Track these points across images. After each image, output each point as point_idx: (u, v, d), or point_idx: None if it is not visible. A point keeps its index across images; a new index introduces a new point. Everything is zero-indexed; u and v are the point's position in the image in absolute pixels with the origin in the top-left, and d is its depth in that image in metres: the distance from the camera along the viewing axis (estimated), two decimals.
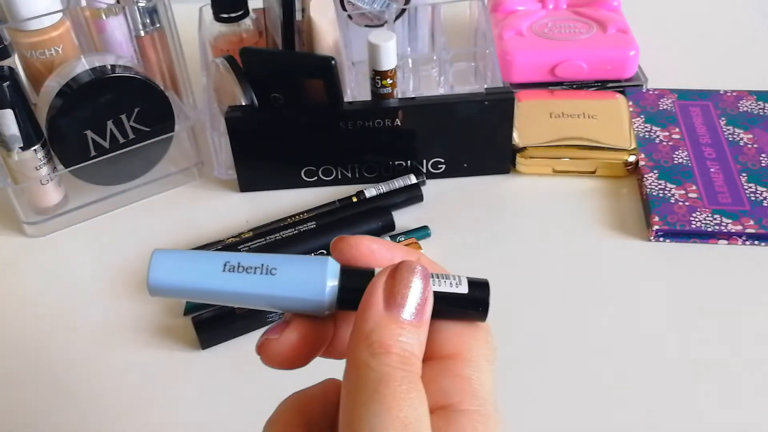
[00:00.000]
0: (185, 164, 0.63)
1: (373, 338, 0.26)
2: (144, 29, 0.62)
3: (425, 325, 0.27)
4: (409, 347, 0.26)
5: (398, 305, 0.27)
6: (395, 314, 0.27)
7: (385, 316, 0.27)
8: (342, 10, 0.64)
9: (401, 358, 0.26)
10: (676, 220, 0.55)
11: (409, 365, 0.26)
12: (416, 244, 0.54)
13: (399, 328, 0.26)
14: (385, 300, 0.27)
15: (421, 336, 0.27)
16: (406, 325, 0.26)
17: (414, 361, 0.26)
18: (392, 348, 0.26)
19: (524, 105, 0.64)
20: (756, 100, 0.65)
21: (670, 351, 0.48)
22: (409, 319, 0.27)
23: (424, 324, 0.27)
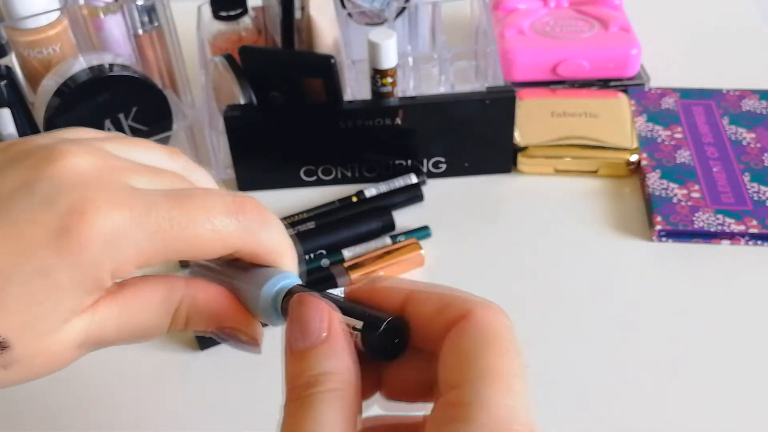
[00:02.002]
0: None
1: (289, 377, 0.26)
2: (142, 28, 0.62)
3: (330, 342, 0.26)
4: (314, 370, 0.25)
5: (292, 339, 0.27)
6: (293, 349, 0.26)
7: (288, 357, 0.27)
8: (342, 8, 0.64)
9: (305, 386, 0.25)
10: (679, 220, 0.54)
11: (316, 386, 0.25)
12: (416, 244, 0.53)
13: (298, 361, 0.26)
14: (286, 342, 0.27)
15: (330, 353, 0.26)
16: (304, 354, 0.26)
17: (322, 381, 0.25)
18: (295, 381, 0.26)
19: (525, 104, 0.63)
20: (759, 99, 0.65)
21: (673, 351, 0.47)
22: (304, 345, 0.26)
23: (328, 343, 0.26)
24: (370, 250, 0.53)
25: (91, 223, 0.27)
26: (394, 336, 0.27)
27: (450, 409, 0.24)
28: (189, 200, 0.29)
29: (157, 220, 0.28)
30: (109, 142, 0.32)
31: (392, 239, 0.54)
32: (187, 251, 0.29)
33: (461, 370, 0.24)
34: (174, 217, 0.28)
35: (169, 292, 0.30)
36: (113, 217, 0.27)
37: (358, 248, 0.54)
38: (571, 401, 0.45)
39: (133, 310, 0.29)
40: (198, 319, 0.31)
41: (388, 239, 0.54)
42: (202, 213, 0.29)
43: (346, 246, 0.54)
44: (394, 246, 0.53)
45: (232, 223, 0.29)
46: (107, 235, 0.27)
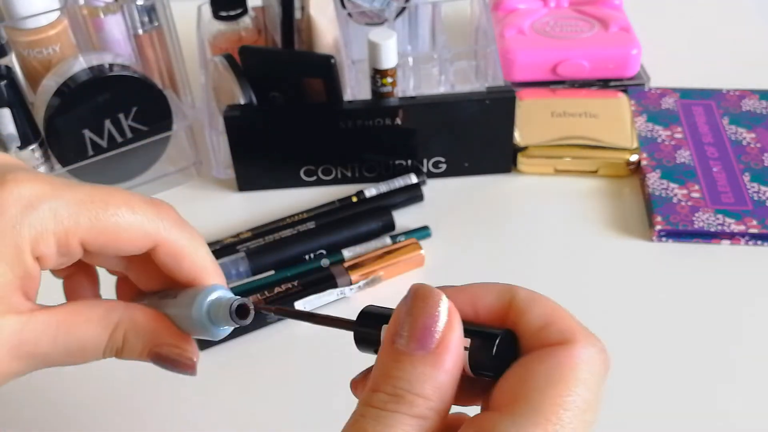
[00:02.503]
0: (183, 163, 0.63)
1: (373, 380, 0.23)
2: (142, 28, 0.62)
3: (438, 357, 0.23)
4: (406, 384, 0.22)
5: (397, 334, 0.23)
6: (393, 345, 0.23)
7: (384, 349, 0.24)
8: (342, 8, 0.64)
9: (390, 398, 0.22)
10: (679, 220, 0.54)
11: (401, 404, 0.22)
12: (416, 244, 0.53)
13: (393, 361, 0.23)
14: (388, 331, 0.24)
15: (433, 372, 0.22)
16: (403, 357, 0.23)
17: (411, 401, 0.22)
18: (380, 386, 0.23)
19: (525, 104, 0.63)
20: (759, 99, 0.64)
21: (673, 351, 0.47)
22: (407, 349, 0.23)
23: (435, 356, 0.23)
24: (370, 250, 0.53)
25: (11, 188, 0.27)
26: (506, 353, 0.24)
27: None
28: (110, 188, 0.30)
29: (77, 194, 0.28)
30: None
31: (392, 239, 0.54)
32: (107, 234, 0.29)
33: (513, 397, 0.22)
34: (95, 194, 0.29)
35: (108, 310, 0.30)
36: (33, 185, 0.28)
37: (358, 248, 0.54)
38: None
39: (71, 323, 0.29)
40: (135, 339, 0.30)
41: (388, 239, 0.54)
42: (122, 197, 0.30)
43: (346, 246, 0.54)
44: (394, 246, 0.53)
45: (151, 213, 0.30)
46: (26, 199, 0.27)
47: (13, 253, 0.27)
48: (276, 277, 0.52)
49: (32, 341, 0.28)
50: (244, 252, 0.53)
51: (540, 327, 0.24)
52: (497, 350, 0.23)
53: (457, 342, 0.23)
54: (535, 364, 0.23)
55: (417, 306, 0.23)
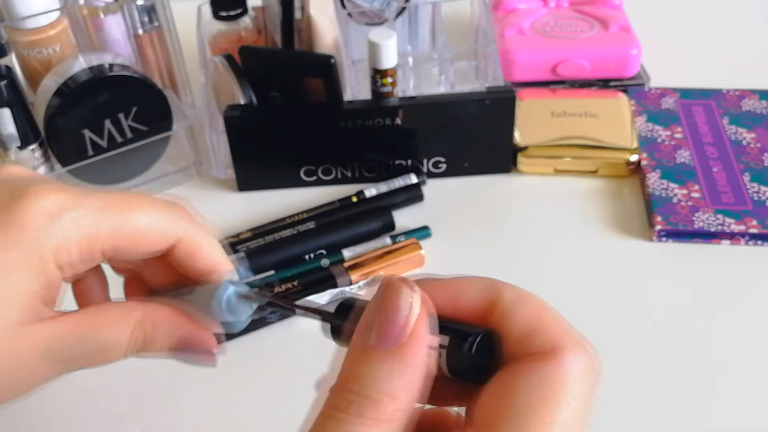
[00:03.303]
0: (183, 163, 0.62)
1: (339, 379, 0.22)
2: (142, 28, 0.62)
3: (407, 352, 0.21)
4: (372, 382, 0.21)
5: (366, 329, 0.22)
6: (362, 341, 0.22)
7: (352, 345, 0.22)
8: (342, 8, 0.64)
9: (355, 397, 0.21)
10: (679, 220, 0.54)
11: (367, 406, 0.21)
12: (416, 244, 0.53)
13: (360, 358, 0.21)
14: (358, 326, 0.22)
15: (402, 368, 0.21)
16: (371, 354, 0.21)
17: (377, 401, 0.21)
18: (346, 384, 0.21)
19: (525, 104, 0.63)
20: (759, 99, 0.64)
21: (673, 351, 0.47)
22: (375, 344, 0.21)
23: (403, 351, 0.21)
24: (370, 250, 0.53)
25: (33, 200, 0.28)
26: (485, 356, 0.22)
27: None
28: (126, 194, 0.31)
29: (96, 202, 0.29)
30: None
31: (392, 239, 0.54)
32: (127, 239, 0.30)
33: (500, 415, 0.21)
34: (112, 201, 0.30)
35: (127, 310, 0.31)
36: (54, 196, 0.28)
37: (358, 248, 0.54)
38: None
39: (92, 326, 0.30)
40: (158, 334, 0.31)
41: (388, 239, 0.54)
42: (138, 202, 0.30)
43: (346, 246, 0.54)
44: (394, 246, 0.53)
45: (167, 214, 0.31)
46: (48, 210, 0.28)
47: (37, 264, 0.28)
48: (276, 277, 0.52)
49: (58, 347, 0.29)
50: (244, 252, 0.53)
51: (526, 333, 0.23)
52: (475, 351, 0.22)
53: (424, 333, 0.22)
54: (521, 379, 0.21)
55: (386, 299, 0.22)
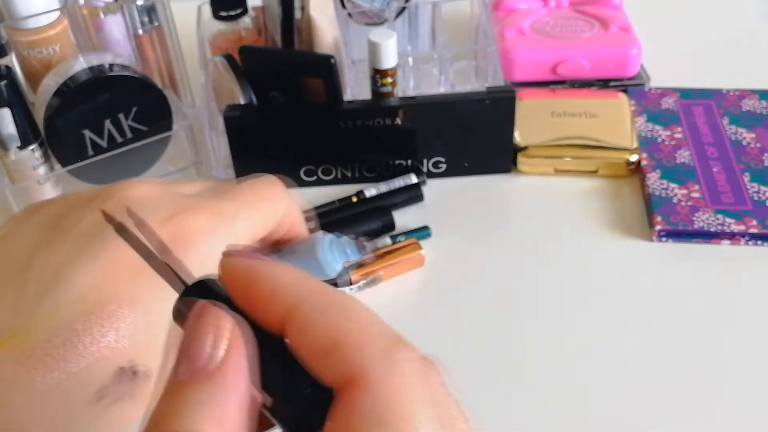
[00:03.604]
0: (183, 163, 0.62)
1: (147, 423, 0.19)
2: (142, 27, 0.62)
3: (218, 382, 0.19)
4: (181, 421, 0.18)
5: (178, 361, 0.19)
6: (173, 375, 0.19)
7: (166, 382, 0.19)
8: (342, 8, 0.64)
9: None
10: (679, 220, 0.54)
11: None
12: (416, 244, 0.53)
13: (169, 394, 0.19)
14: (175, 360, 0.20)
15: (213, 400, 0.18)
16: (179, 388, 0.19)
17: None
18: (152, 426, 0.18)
19: (525, 104, 0.63)
20: (759, 99, 0.64)
21: (673, 351, 0.47)
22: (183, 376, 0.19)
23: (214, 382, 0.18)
24: (370, 250, 0.53)
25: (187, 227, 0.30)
26: (318, 414, 0.19)
27: None
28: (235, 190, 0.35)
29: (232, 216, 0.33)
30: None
31: (392, 239, 0.54)
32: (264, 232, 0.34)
33: None
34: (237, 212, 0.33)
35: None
36: (196, 217, 0.31)
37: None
38: (571, 401, 0.45)
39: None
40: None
41: (388, 239, 0.54)
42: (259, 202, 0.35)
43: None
44: (394, 246, 0.53)
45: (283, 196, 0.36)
46: (205, 231, 0.31)
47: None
48: None
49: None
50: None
51: (320, 351, 0.19)
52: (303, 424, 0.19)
53: (241, 360, 0.19)
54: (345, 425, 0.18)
55: (192, 326, 0.19)
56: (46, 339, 0.28)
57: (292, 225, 0.37)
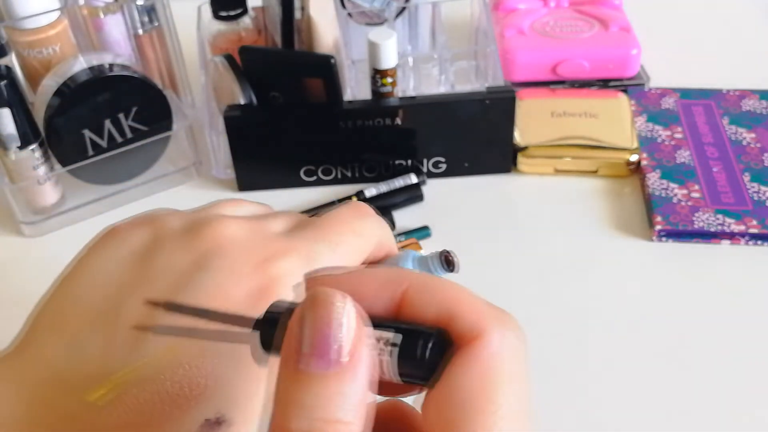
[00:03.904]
0: (183, 163, 0.63)
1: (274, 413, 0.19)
2: (142, 28, 0.62)
3: (352, 372, 0.19)
4: (321, 412, 0.19)
5: (298, 352, 0.19)
6: (296, 366, 0.19)
7: (285, 374, 0.19)
8: (342, 8, 0.64)
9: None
10: (679, 220, 0.54)
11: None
12: (416, 244, 0.53)
13: (298, 386, 0.19)
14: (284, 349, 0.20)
15: (349, 390, 0.19)
16: (310, 380, 0.19)
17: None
18: (291, 420, 0.19)
19: (525, 104, 0.63)
20: (759, 99, 0.64)
21: (673, 351, 0.47)
22: (313, 368, 0.19)
23: (348, 372, 0.19)
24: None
25: (279, 273, 0.29)
26: (437, 356, 0.20)
27: None
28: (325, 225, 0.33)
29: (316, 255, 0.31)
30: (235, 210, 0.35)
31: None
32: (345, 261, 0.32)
33: (450, 424, 0.19)
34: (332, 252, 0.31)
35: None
36: (288, 261, 0.30)
37: None
38: (571, 401, 0.45)
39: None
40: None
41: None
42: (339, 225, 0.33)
43: None
44: None
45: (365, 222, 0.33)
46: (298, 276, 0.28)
47: None
48: None
49: None
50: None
51: (443, 321, 0.21)
52: (430, 355, 0.20)
53: (369, 347, 0.20)
54: (456, 377, 0.20)
55: (316, 315, 0.19)
56: (136, 394, 0.27)
57: (386, 254, 0.34)
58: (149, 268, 0.31)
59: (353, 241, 0.32)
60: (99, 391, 0.27)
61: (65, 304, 0.31)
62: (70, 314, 0.31)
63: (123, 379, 0.27)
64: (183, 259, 0.30)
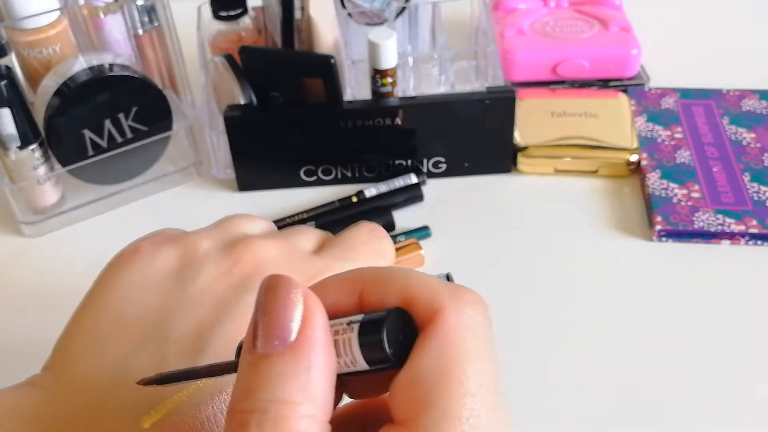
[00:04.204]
0: (183, 163, 0.63)
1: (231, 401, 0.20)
2: (142, 28, 0.62)
3: (299, 350, 0.19)
4: (267, 392, 0.19)
5: (254, 337, 0.20)
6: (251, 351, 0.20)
7: (243, 361, 0.20)
8: (342, 8, 0.64)
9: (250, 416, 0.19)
10: (679, 220, 0.54)
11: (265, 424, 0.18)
12: (416, 244, 0.53)
13: (251, 369, 0.19)
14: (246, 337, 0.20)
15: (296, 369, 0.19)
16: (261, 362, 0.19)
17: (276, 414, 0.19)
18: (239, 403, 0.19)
19: (525, 104, 0.63)
20: (759, 99, 0.64)
21: (673, 351, 0.47)
22: (264, 350, 0.19)
23: (295, 350, 0.19)
24: None
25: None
26: (400, 337, 0.21)
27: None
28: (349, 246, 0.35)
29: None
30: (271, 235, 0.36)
31: (392, 239, 0.54)
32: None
33: (415, 407, 0.19)
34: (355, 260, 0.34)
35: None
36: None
37: None
38: (571, 401, 0.45)
39: None
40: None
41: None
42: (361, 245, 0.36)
43: None
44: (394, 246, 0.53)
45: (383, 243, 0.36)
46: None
47: None
48: None
49: None
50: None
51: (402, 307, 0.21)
52: (388, 337, 0.20)
53: (322, 330, 0.20)
54: (417, 358, 0.20)
55: (266, 300, 0.20)
56: (189, 417, 0.27)
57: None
58: (189, 291, 0.30)
59: (375, 260, 0.35)
60: (154, 417, 0.27)
61: (102, 323, 0.31)
62: (110, 335, 0.30)
63: (177, 403, 0.27)
64: (224, 282, 0.31)
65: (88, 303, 0.32)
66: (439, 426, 0.19)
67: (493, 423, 0.20)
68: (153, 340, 0.29)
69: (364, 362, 0.20)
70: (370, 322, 0.20)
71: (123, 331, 0.30)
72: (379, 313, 0.21)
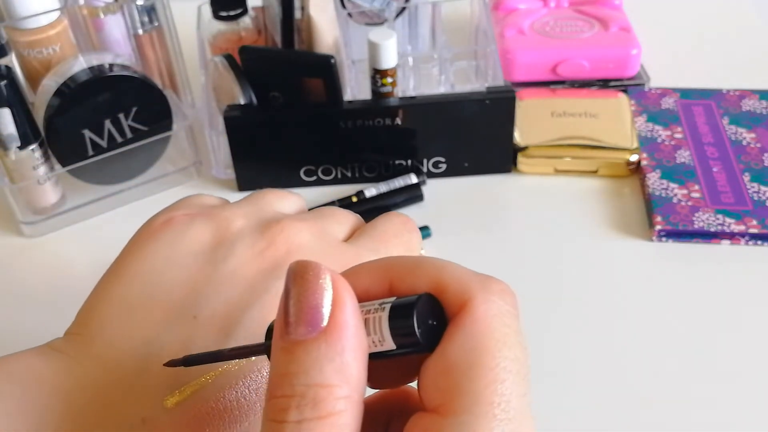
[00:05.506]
0: (183, 163, 0.63)
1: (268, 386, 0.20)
2: (142, 28, 0.62)
3: (332, 334, 0.20)
4: (304, 377, 0.19)
5: (286, 323, 0.20)
6: (283, 337, 0.20)
7: (275, 348, 0.20)
8: (342, 8, 0.64)
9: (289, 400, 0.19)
10: (679, 220, 0.54)
11: (305, 407, 0.19)
12: None
13: (285, 356, 0.20)
14: (276, 324, 0.21)
15: (330, 352, 0.19)
16: (295, 348, 0.20)
17: (315, 397, 0.19)
18: (277, 389, 0.19)
19: (525, 104, 0.63)
20: (759, 99, 0.64)
21: (673, 351, 0.47)
22: (297, 336, 0.20)
23: (328, 334, 0.20)
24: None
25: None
26: (429, 322, 0.21)
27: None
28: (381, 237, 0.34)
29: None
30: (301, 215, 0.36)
31: None
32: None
33: (446, 393, 0.20)
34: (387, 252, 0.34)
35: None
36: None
37: None
38: (571, 401, 0.45)
39: None
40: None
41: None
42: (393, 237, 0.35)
43: None
44: None
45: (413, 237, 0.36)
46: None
47: None
48: None
49: None
50: None
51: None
52: (418, 319, 0.20)
53: (352, 313, 0.20)
54: (449, 347, 0.20)
55: (296, 286, 0.20)
56: (213, 399, 0.27)
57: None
58: (220, 270, 0.30)
59: (404, 253, 0.34)
60: (178, 397, 0.27)
61: (130, 294, 0.30)
62: (138, 307, 0.29)
63: (201, 385, 0.27)
64: (256, 265, 0.30)
65: (116, 271, 0.32)
66: (472, 411, 0.19)
67: (523, 408, 0.20)
68: (181, 319, 0.29)
69: (392, 341, 0.21)
70: (401, 304, 0.21)
71: (151, 304, 0.29)
72: (411, 297, 0.21)
